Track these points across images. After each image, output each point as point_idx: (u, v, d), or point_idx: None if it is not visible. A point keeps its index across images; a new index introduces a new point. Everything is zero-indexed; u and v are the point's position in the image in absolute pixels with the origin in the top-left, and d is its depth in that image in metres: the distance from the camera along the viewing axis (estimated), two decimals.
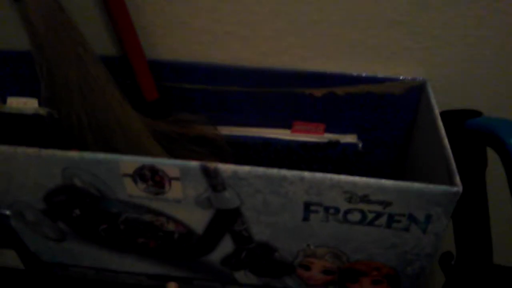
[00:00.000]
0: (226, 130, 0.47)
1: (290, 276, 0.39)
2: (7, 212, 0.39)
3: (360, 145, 0.46)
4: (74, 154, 0.33)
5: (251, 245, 0.37)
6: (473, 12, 0.39)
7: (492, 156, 0.37)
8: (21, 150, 0.34)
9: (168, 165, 0.32)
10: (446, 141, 0.34)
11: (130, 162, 0.33)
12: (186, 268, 0.41)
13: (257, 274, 0.40)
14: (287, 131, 0.48)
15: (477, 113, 0.39)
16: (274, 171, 0.31)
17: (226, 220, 0.35)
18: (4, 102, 0.49)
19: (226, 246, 0.38)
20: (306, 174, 0.31)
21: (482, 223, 0.39)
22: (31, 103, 0.48)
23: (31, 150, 0.33)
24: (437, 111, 0.38)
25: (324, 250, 0.36)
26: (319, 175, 0.31)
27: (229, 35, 0.44)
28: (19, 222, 0.39)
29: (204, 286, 0.42)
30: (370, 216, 0.33)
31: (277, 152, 0.47)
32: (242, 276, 0.40)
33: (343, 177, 0.31)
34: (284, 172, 0.31)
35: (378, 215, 0.33)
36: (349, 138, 0.46)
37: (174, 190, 0.34)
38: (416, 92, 0.43)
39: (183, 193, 0.34)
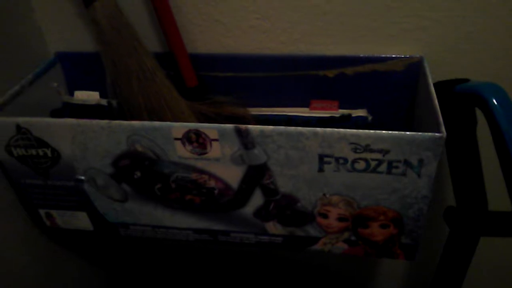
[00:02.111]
0: (254, 110, 0.55)
1: (311, 225, 0.47)
2: (82, 178, 0.48)
3: (369, 117, 0.53)
4: (136, 123, 0.42)
5: (277, 197, 0.45)
6: None
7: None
8: (95, 122, 0.43)
9: (209, 128, 0.41)
10: (436, 101, 0.41)
11: (179, 127, 0.41)
12: (225, 222, 0.49)
13: (283, 224, 0.47)
14: (306, 109, 0.55)
15: (465, 80, 0.45)
16: (292, 128, 0.39)
17: (256, 174, 0.43)
18: (72, 95, 0.59)
19: (257, 199, 0.45)
20: (319, 129, 0.39)
21: (475, 175, 0.45)
22: (94, 96, 0.57)
23: (103, 122, 0.43)
24: (431, 81, 0.45)
25: (338, 198, 0.44)
26: (329, 130, 0.39)
27: (253, 28, 0.52)
28: (91, 186, 0.49)
29: (239, 237, 0.50)
30: (373, 163, 0.40)
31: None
32: (271, 226, 0.48)
33: (349, 130, 0.38)
34: (301, 129, 0.39)
35: (380, 162, 0.40)
36: (360, 112, 0.53)
37: (214, 150, 0.42)
38: (415, 68, 0.49)
39: (221, 152, 0.42)
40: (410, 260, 0.48)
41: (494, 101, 0.40)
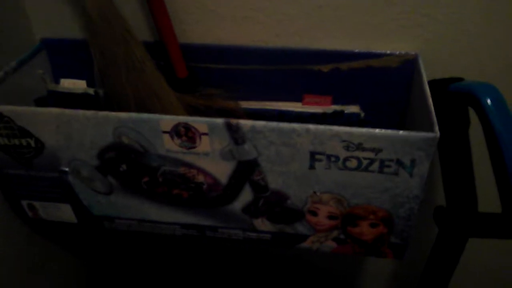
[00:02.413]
0: (246, 104, 0.54)
1: (300, 222, 0.46)
2: (66, 169, 0.47)
3: (362, 114, 0.52)
4: (123, 114, 0.41)
5: (267, 193, 0.44)
6: None
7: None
8: (81, 112, 0.42)
9: (199, 122, 0.40)
10: (430, 100, 0.40)
11: (168, 120, 0.40)
12: (212, 217, 0.48)
13: (272, 221, 0.47)
14: (299, 104, 0.54)
15: (459, 79, 0.45)
16: (285, 124, 0.39)
17: (246, 170, 0.43)
18: (58, 83, 0.57)
19: (246, 195, 0.45)
20: (311, 126, 0.38)
21: (467, 175, 0.45)
22: (80, 84, 0.56)
23: (90, 112, 0.41)
24: (425, 79, 0.44)
25: (328, 196, 0.43)
26: (321, 127, 0.38)
27: (247, 20, 0.51)
28: (75, 178, 0.47)
29: (227, 233, 0.49)
30: (365, 162, 0.39)
31: (290, 122, 0.54)
32: (259, 223, 0.47)
33: (341, 128, 0.38)
34: (293, 125, 0.38)
35: (372, 161, 0.39)
36: (353, 108, 0.53)
37: (204, 144, 0.41)
38: (410, 65, 0.49)
39: (210, 147, 0.41)
40: (398, 259, 0.47)
41: (488, 101, 0.39)
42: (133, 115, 0.41)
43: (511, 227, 0.40)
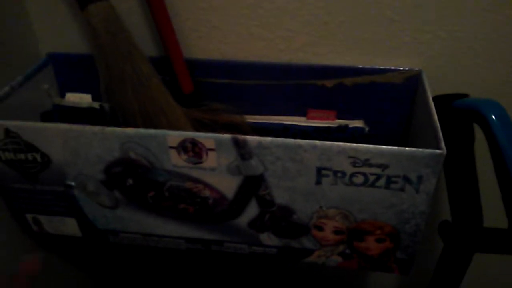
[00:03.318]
0: (251, 118, 0.54)
1: (306, 237, 0.46)
2: (72, 183, 0.47)
3: (366, 129, 0.53)
4: (131, 130, 0.41)
5: (273, 208, 0.44)
6: (461, 11, 0.46)
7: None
8: (88, 127, 0.42)
9: (206, 137, 0.40)
10: (435, 117, 0.41)
11: (175, 136, 0.40)
12: (218, 232, 0.48)
13: (278, 235, 0.47)
14: (303, 118, 0.54)
15: (464, 96, 0.45)
16: (291, 140, 0.39)
17: (252, 185, 0.43)
18: (63, 97, 0.58)
19: (252, 209, 0.45)
20: (318, 142, 0.38)
21: (472, 191, 0.45)
22: (86, 98, 0.56)
23: (97, 128, 0.42)
24: (429, 95, 0.44)
25: (335, 211, 0.43)
26: (328, 143, 0.38)
27: (252, 36, 0.51)
28: (81, 192, 0.47)
29: (233, 247, 0.49)
30: (372, 178, 0.39)
31: (295, 136, 0.53)
32: (265, 238, 0.47)
33: (348, 144, 0.38)
34: (300, 141, 0.39)
35: (378, 177, 0.39)
36: (357, 123, 0.53)
37: (210, 160, 0.41)
38: (413, 81, 0.49)
39: (217, 162, 0.42)
40: (404, 274, 0.47)
41: (494, 117, 0.40)
42: (140, 130, 0.41)
43: None
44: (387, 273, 0.47)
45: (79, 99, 0.56)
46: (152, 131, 0.41)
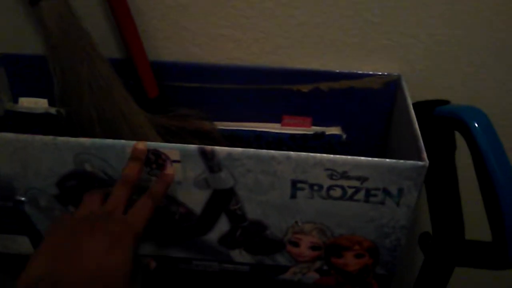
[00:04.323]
0: (221, 125, 0.51)
1: (281, 253, 0.43)
2: (23, 199, 0.43)
3: (344, 136, 0.50)
4: (86, 140, 0.37)
5: (244, 223, 0.41)
6: (440, 13, 0.44)
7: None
8: (38, 137, 0.38)
9: (170, 148, 0.36)
10: (416, 125, 0.38)
11: None
12: (186, 249, 0.44)
13: (251, 252, 0.44)
14: (277, 125, 0.52)
15: (445, 102, 0.43)
16: (263, 151, 0.36)
17: (222, 199, 0.39)
18: (16, 102, 0.53)
19: (222, 225, 0.41)
20: (292, 153, 0.35)
21: (453, 201, 0.43)
22: (42, 103, 0.52)
23: (47, 138, 0.37)
24: (409, 102, 0.42)
25: (311, 226, 0.40)
26: (303, 154, 0.35)
27: (223, 37, 0.48)
28: (32, 208, 0.43)
29: (202, 266, 0.46)
30: (350, 191, 0.37)
31: (268, 144, 0.51)
32: (237, 254, 0.44)
33: (325, 156, 0.35)
34: (273, 152, 0.36)
35: (357, 190, 0.37)
36: (334, 130, 0.50)
37: (175, 173, 0.38)
38: (392, 86, 0.47)
39: (183, 175, 0.38)
40: None
41: (477, 125, 0.38)
42: (97, 140, 0.37)
43: (502, 257, 0.39)
44: None
45: (34, 104, 0.52)
46: (110, 141, 0.37)
